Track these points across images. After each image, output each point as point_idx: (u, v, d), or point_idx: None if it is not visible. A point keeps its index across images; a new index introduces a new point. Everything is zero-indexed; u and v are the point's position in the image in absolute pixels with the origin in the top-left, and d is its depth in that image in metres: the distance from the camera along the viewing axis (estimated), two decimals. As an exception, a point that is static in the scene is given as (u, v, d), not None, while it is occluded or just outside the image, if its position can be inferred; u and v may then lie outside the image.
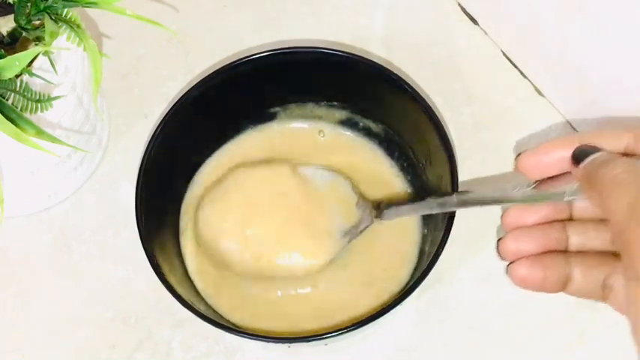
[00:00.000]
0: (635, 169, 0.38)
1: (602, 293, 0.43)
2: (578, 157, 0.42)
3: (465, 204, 0.47)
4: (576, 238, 0.45)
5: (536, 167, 0.43)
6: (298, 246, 0.53)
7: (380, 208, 0.53)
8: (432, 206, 0.49)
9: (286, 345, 0.54)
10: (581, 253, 0.44)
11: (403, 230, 0.56)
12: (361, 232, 0.53)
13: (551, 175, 0.43)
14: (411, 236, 0.56)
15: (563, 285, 0.44)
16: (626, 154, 0.42)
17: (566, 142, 0.42)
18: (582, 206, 0.45)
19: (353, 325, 0.48)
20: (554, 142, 0.43)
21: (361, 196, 0.55)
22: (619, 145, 0.42)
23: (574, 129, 0.61)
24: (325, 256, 0.53)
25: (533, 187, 0.44)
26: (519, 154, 0.44)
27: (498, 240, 0.45)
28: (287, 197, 0.54)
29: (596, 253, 0.44)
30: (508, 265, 0.44)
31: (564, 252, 0.44)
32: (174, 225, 0.57)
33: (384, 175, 0.58)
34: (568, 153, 0.42)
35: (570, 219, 0.45)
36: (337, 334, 0.49)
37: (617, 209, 0.37)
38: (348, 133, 0.60)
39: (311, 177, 0.55)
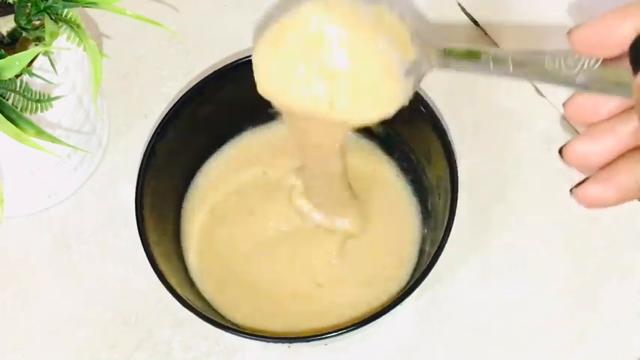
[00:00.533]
0: None
1: None
2: (635, 56, 0.33)
3: (521, 65, 0.38)
4: None
5: (594, 42, 0.35)
6: (361, 91, 0.44)
7: (437, 52, 0.43)
8: (489, 64, 0.39)
9: (286, 345, 0.54)
10: None
11: (403, 230, 0.56)
12: (423, 76, 0.44)
13: (619, 55, 0.34)
14: (411, 236, 0.56)
15: None
16: None
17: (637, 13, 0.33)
18: None
19: (353, 325, 0.48)
20: (619, 12, 0.34)
21: (415, 31, 0.44)
22: None
23: (576, 131, 0.61)
24: (393, 99, 0.44)
25: (598, 67, 0.35)
26: (572, 28, 0.35)
27: (562, 147, 0.37)
28: (333, 38, 0.43)
29: None
30: (573, 189, 0.37)
31: None
32: (175, 225, 0.57)
33: (384, 175, 0.58)
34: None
35: None
36: (337, 334, 0.49)
37: None
38: (348, 134, 0.60)
39: (350, 10, 0.43)
